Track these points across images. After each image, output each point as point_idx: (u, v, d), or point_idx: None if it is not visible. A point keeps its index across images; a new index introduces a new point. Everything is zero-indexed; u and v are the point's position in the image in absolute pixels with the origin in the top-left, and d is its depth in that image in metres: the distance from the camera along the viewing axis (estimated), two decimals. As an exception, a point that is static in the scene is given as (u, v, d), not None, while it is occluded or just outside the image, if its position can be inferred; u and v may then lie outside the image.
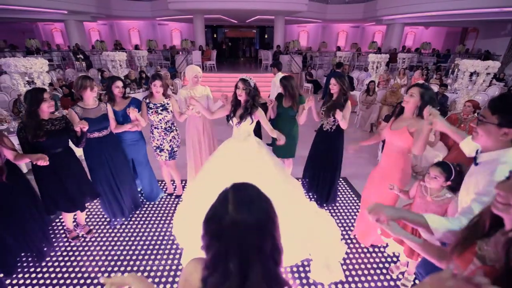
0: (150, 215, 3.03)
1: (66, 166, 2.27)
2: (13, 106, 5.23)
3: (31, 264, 2.33)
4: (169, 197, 3.38)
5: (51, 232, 2.69)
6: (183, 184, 3.51)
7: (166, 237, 2.68)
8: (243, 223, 0.64)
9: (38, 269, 2.29)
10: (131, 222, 2.90)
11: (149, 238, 2.68)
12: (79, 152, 2.59)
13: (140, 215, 3.01)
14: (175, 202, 3.25)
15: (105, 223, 2.88)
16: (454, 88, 6.27)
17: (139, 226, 2.85)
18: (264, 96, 3.45)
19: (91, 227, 2.81)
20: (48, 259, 2.39)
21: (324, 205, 3.16)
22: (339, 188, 3.58)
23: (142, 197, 3.27)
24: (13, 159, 1.99)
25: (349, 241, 2.66)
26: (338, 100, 2.68)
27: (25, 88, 3.69)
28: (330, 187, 3.06)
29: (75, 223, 2.79)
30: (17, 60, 3.60)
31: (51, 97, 2.26)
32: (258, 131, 3.18)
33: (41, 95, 2.07)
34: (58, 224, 2.85)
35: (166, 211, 3.09)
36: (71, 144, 2.35)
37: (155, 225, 2.86)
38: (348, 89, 2.70)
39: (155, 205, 3.21)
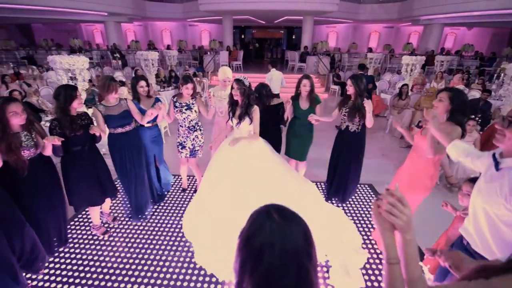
0: (170, 209, 3.13)
1: (90, 161, 2.38)
2: (56, 99, 5.70)
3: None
4: (188, 192, 3.48)
5: (76, 222, 2.88)
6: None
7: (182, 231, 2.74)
8: (294, 229, 0.63)
9: (57, 260, 2.46)
10: (154, 215, 3.02)
11: (167, 229, 2.77)
12: (103, 148, 2.70)
13: (161, 209, 3.13)
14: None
15: (128, 213, 3.01)
16: (499, 94, 5.73)
17: (158, 218, 2.96)
18: (285, 97, 3.43)
19: (115, 214, 2.97)
20: (71, 248, 2.57)
21: (343, 205, 3.15)
22: (364, 194, 3.45)
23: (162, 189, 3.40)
24: (43, 151, 2.10)
25: (372, 250, 2.53)
26: (357, 100, 2.67)
27: (68, 83, 4.01)
28: (347, 186, 3.08)
29: (100, 212, 2.95)
30: (62, 58, 3.92)
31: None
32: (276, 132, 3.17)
33: (74, 93, 2.19)
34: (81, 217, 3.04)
35: (185, 206, 3.16)
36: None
37: (172, 219, 2.95)
38: (363, 91, 2.66)
39: (175, 200, 3.32)
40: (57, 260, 2.39)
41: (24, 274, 2.11)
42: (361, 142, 2.91)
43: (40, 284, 2.16)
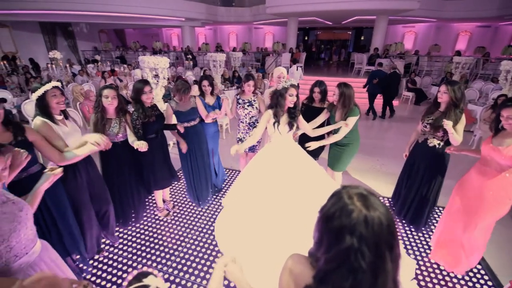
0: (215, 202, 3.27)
1: (159, 149, 2.69)
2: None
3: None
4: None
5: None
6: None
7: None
8: (377, 220, 0.65)
9: (129, 233, 2.83)
10: (208, 203, 3.22)
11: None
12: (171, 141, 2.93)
13: (216, 202, 3.29)
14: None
15: (187, 201, 3.29)
16: None
17: (211, 208, 3.12)
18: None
19: (174, 203, 3.26)
20: (139, 226, 2.93)
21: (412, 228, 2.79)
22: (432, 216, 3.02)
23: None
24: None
25: (421, 263, 2.34)
26: (449, 111, 2.25)
27: (152, 80, 4.59)
28: (420, 210, 2.66)
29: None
30: (149, 58, 4.51)
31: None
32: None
33: (142, 87, 2.44)
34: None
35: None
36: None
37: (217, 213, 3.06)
38: (461, 101, 2.23)
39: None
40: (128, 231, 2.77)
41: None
42: (442, 160, 2.46)
43: (117, 248, 2.55)
